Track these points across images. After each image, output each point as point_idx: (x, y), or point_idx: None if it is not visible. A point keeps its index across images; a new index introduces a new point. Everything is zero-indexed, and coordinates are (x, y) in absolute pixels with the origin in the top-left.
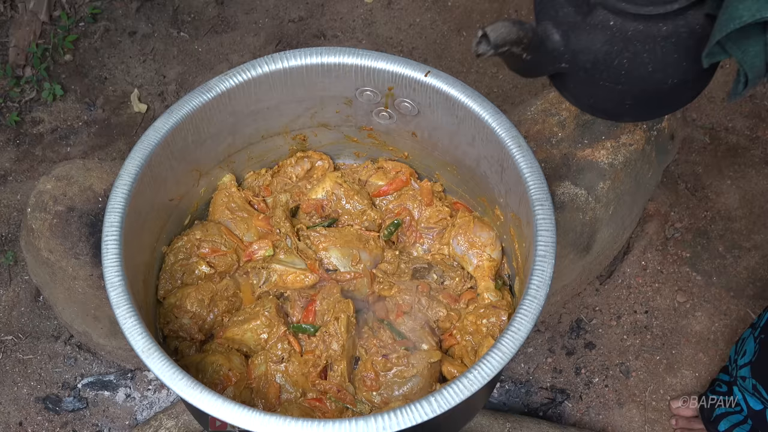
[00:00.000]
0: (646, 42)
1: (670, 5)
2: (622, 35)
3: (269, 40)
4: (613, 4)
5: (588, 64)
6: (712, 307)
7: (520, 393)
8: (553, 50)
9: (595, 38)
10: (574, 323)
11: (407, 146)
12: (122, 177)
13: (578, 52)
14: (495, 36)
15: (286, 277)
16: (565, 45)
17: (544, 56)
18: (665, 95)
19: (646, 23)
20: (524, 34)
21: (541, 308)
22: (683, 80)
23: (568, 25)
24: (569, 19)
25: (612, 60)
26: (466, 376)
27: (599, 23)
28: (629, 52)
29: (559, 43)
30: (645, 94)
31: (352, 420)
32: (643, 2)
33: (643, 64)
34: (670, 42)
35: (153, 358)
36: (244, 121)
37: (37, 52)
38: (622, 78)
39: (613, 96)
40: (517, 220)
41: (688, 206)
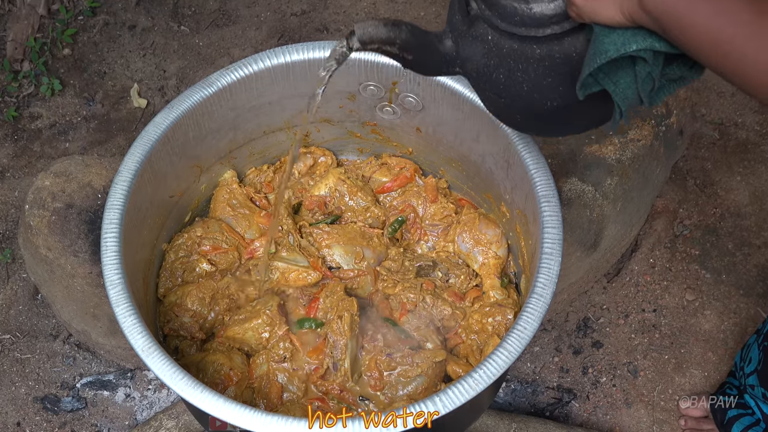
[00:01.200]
0: (519, 61)
1: (542, 29)
2: (498, 51)
3: (271, 34)
4: (489, 20)
5: (474, 73)
6: (721, 305)
7: (526, 393)
8: (446, 54)
9: (476, 49)
10: (581, 322)
11: (411, 142)
12: (122, 173)
13: (465, 60)
14: (361, 33)
15: (288, 275)
16: (456, 51)
17: (436, 57)
18: (552, 116)
19: (521, 43)
20: (396, 35)
21: (547, 306)
22: (564, 105)
23: (458, 33)
24: (459, 27)
25: (491, 73)
26: (472, 375)
27: (480, 35)
28: (504, 68)
29: (451, 48)
30: (529, 111)
31: (356, 420)
32: (518, 22)
33: (518, 83)
34: (543, 65)
35: (153, 358)
36: (245, 116)
37: (35, 47)
38: (503, 92)
39: (503, 108)
40: (523, 217)
41: (697, 203)
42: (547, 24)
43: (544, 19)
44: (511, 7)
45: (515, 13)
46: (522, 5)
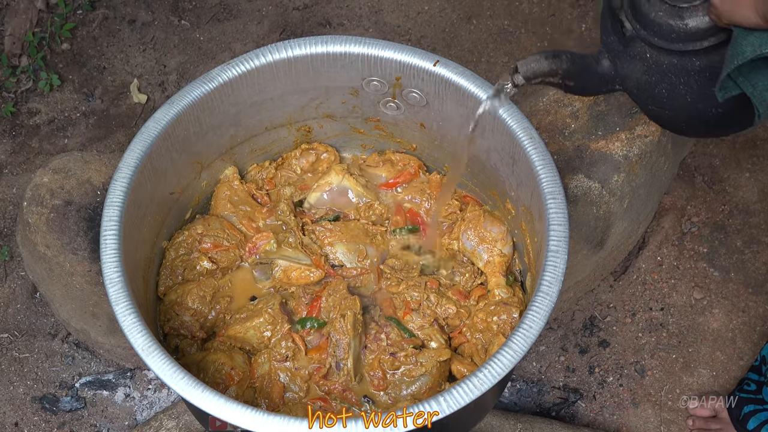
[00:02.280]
0: (680, 75)
1: (700, 42)
2: (658, 67)
3: (273, 28)
4: (647, 38)
5: (635, 90)
6: (730, 303)
7: (531, 392)
8: (604, 74)
9: (635, 67)
10: (587, 320)
11: (415, 138)
12: (121, 170)
13: (625, 78)
14: (525, 70)
15: (290, 273)
16: (614, 70)
17: (596, 79)
18: (717, 121)
19: (680, 57)
20: (558, 66)
21: (553, 305)
22: (728, 110)
23: (614, 53)
24: (614, 47)
25: (653, 88)
26: (476, 375)
27: (638, 54)
28: (666, 83)
29: (609, 68)
30: (695, 119)
31: (359, 420)
32: (675, 38)
33: (681, 95)
34: (704, 76)
35: (153, 357)
36: (246, 112)
37: (33, 41)
38: (666, 105)
39: (666, 118)
40: (528, 214)
41: (705, 200)
42: (704, 36)
43: (700, 32)
44: (667, 25)
45: (672, 30)
46: (677, 22)
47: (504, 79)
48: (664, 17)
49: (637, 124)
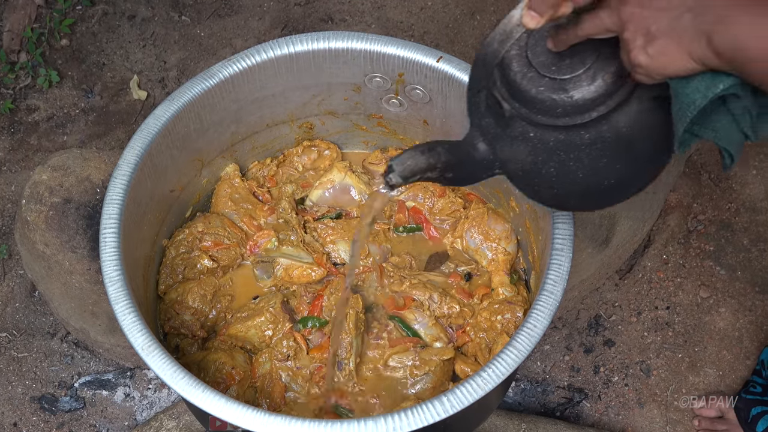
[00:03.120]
0: (569, 151)
1: (588, 114)
2: (545, 146)
3: (274, 24)
4: (528, 117)
5: (519, 172)
6: (736, 302)
7: (536, 392)
8: (483, 159)
9: (518, 149)
10: (592, 320)
11: (418, 135)
12: (121, 167)
13: (507, 161)
14: (401, 169)
15: (291, 272)
16: (493, 154)
17: (475, 165)
18: (610, 192)
19: (567, 132)
20: (436, 160)
21: (558, 304)
22: (621, 179)
23: (492, 135)
24: (491, 129)
25: (540, 169)
26: (480, 374)
27: (519, 135)
28: (555, 162)
29: (487, 152)
30: (586, 194)
31: (361, 420)
32: (561, 113)
33: (571, 172)
34: (595, 148)
35: (153, 356)
36: (248, 108)
37: (32, 37)
38: (555, 184)
39: (557, 198)
40: (533, 212)
41: (711, 197)
42: (591, 107)
43: (587, 104)
44: (551, 100)
45: (556, 106)
46: (562, 95)
47: (380, 182)
48: (546, 92)
49: None
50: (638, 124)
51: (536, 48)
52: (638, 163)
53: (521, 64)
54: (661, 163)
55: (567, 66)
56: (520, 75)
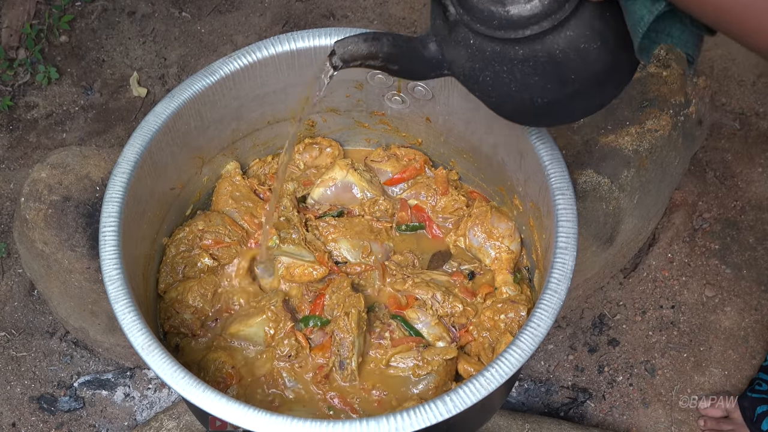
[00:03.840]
0: (503, 63)
1: (522, 31)
2: (482, 54)
3: (276, 20)
4: (469, 24)
5: (461, 76)
6: (742, 301)
7: (539, 392)
8: (431, 58)
9: (459, 53)
10: (596, 319)
11: (421, 132)
12: (121, 165)
13: (452, 63)
14: (342, 51)
15: (293, 270)
16: (441, 54)
17: (422, 63)
18: (544, 111)
19: (502, 45)
20: (378, 49)
21: (562, 303)
22: (553, 101)
23: (440, 37)
24: (440, 31)
25: (477, 76)
26: (483, 374)
27: (462, 40)
28: (490, 71)
29: (437, 52)
30: (520, 109)
31: (363, 420)
32: (497, 26)
33: (505, 83)
34: (527, 65)
35: (153, 356)
36: (249, 105)
37: (31, 33)
38: (492, 93)
39: (493, 105)
40: (536, 210)
41: (717, 195)
42: (525, 25)
43: (522, 20)
44: (488, 11)
45: (493, 17)
46: (499, 8)
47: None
48: (486, 3)
49: (648, 118)
50: (571, 49)
51: None
52: (572, 87)
53: None
54: (603, 94)
55: None
56: None
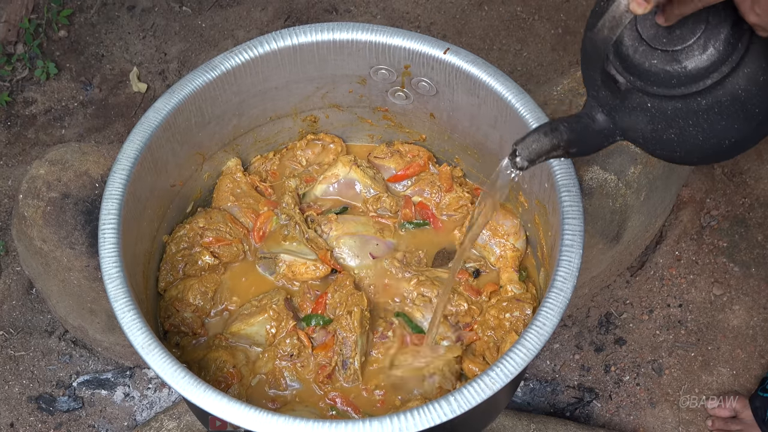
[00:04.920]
0: (688, 117)
1: (703, 82)
2: (663, 115)
3: (277, 14)
4: (645, 89)
5: (640, 140)
6: (750, 300)
7: (545, 392)
8: (603, 130)
9: (637, 119)
10: (603, 317)
11: (425, 128)
12: (120, 161)
13: (627, 130)
14: (527, 153)
15: (295, 269)
16: (613, 123)
17: (596, 138)
18: (730, 149)
19: (684, 101)
20: (559, 139)
21: (567, 301)
22: (741, 137)
23: (610, 107)
24: (609, 101)
25: (660, 136)
26: (488, 374)
27: (638, 106)
28: (675, 129)
29: (606, 122)
30: (708, 154)
31: (366, 421)
32: (676, 84)
33: (692, 136)
34: (712, 113)
35: (153, 355)
36: (250, 101)
37: (29, 28)
38: (677, 149)
39: (679, 158)
40: (542, 208)
41: (725, 192)
42: (706, 75)
43: (701, 72)
44: (665, 72)
45: (671, 77)
46: (675, 66)
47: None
48: (659, 65)
49: None
50: (753, 85)
51: (646, 21)
52: (757, 120)
53: (632, 39)
54: None
55: (677, 37)
56: (632, 49)
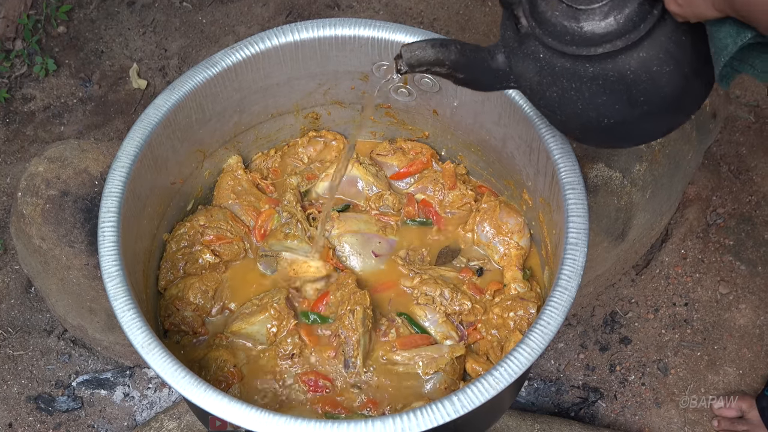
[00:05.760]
0: (572, 80)
1: (594, 48)
2: (551, 69)
3: (279, 10)
4: (541, 37)
5: (528, 90)
6: (757, 298)
7: (549, 392)
8: (498, 69)
9: (528, 66)
10: (608, 316)
11: (428, 125)
12: (120, 158)
13: (519, 76)
14: (408, 56)
15: (296, 267)
16: (509, 66)
17: (488, 74)
18: (609, 131)
19: (573, 62)
20: (445, 56)
21: (572, 300)
22: (621, 121)
23: (509, 49)
24: (510, 43)
25: (544, 91)
26: (492, 373)
27: (531, 53)
28: (557, 87)
29: (504, 63)
30: (586, 128)
31: (369, 421)
32: (569, 41)
33: (572, 101)
34: (596, 84)
35: (153, 354)
36: (251, 98)
37: (28, 24)
38: (558, 110)
39: (559, 123)
40: (546, 205)
41: (731, 190)
42: (599, 43)
43: (595, 38)
44: (562, 26)
45: (566, 32)
46: (573, 24)
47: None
48: (560, 17)
49: None
50: (643, 71)
51: None
52: (640, 109)
53: None
54: (672, 118)
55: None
56: None
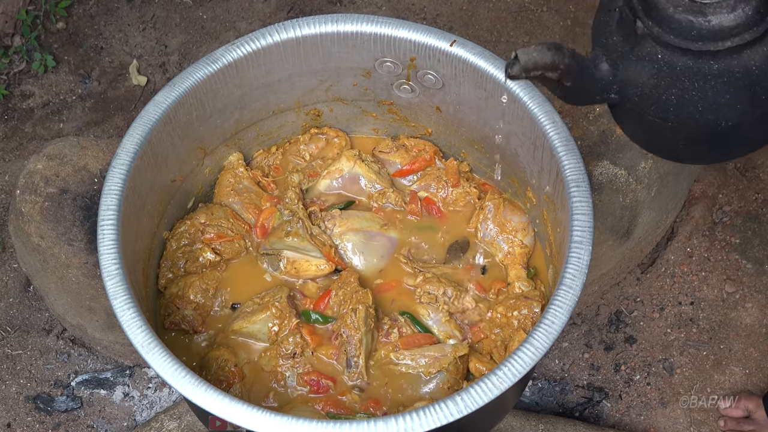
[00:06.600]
0: (695, 79)
1: (722, 42)
2: (670, 69)
3: (280, 6)
4: (660, 37)
5: (636, 97)
6: (763, 297)
7: (554, 392)
8: (601, 79)
9: (642, 70)
10: (613, 315)
11: (431, 122)
12: (120, 156)
13: (626, 83)
14: (526, 59)
15: (298, 265)
16: (613, 75)
17: (591, 84)
18: (721, 138)
19: (696, 59)
20: (560, 59)
21: (577, 299)
22: (738, 124)
23: (617, 54)
24: (618, 48)
25: (660, 95)
26: (495, 373)
27: (647, 55)
28: (677, 88)
29: (608, 72)
30: (697, 134)
31: (371, 421)
32: (695, 37)
33: (691, 102)
34: (721, 81)
35: (153, 354)
36: (252, 94)
37: (26, 20)
38: (671, 115)
39: (665, 134)
40: (551, 203)
41: (737, 188)
42: (726, 37)
43: (723, 31)
44: (687, 22)
45: (692, 28)
46: (699, 18)
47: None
48: (683, 13)
49: None
50: None
51: None
52: (761, 110)
53: None
54: None
55: None
56: None
